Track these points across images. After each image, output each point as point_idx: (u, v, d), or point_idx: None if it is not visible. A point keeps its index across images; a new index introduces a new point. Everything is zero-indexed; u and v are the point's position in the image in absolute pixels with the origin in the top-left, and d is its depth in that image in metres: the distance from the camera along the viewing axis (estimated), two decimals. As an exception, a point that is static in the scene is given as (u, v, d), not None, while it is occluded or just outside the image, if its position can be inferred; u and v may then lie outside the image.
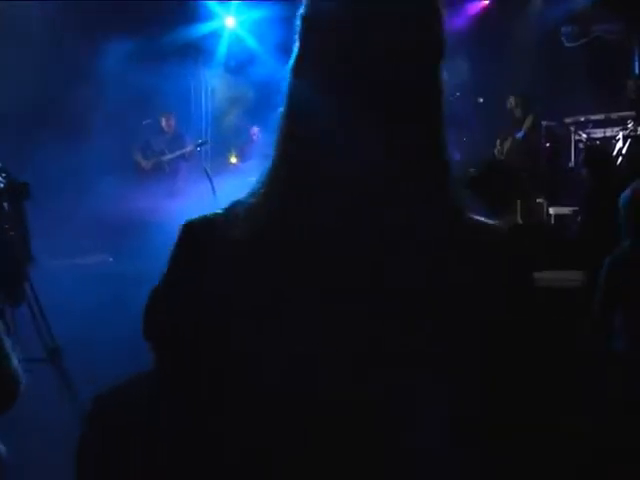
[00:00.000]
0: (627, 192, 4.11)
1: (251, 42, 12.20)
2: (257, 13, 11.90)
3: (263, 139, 11.25)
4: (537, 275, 1.35)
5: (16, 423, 2.17)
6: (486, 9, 11.55)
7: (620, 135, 9.11)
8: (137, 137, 10.72)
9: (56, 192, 7.51)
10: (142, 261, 4.70)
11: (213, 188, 9.52)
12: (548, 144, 9.80)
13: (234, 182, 9.98)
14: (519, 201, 8.29)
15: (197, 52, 11.88)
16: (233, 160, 11.05)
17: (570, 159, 9.71)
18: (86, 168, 8.76)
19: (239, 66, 11.89)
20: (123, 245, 7.37)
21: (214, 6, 12.01)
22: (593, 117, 9.76)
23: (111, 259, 8.01)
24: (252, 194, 1.28)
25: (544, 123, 9.85)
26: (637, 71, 10.71)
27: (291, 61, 1.31)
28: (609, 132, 9.49)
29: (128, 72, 9.90)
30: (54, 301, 4.78)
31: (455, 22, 11.59)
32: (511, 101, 9.97)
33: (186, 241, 1.34)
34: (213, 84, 12.61)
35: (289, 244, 1.20)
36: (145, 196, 8.74)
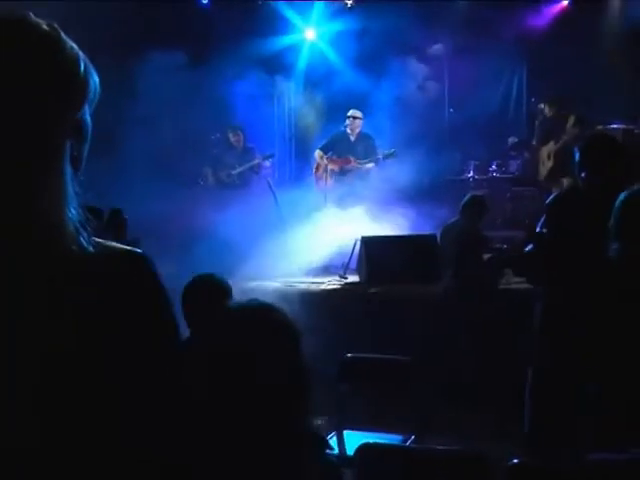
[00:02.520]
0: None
1: (331, 55, 12.34)
2: (337, 26, 12.05)
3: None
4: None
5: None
6: (565, 10, 11.36)
7: None
8: (207, 151, 10.96)
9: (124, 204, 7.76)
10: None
11: (276, 200, 9.69)
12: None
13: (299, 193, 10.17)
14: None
15: (277, 65, 12.06)
16: (315, 172, 11.14)
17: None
18: (154, 181, 8.99)
19: (318, 78, 12.02)
20: (187, 257, 7.56)
21: (294, 19, 12.21)
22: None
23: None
24: None
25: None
26: None
27: None
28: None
29: (200, 86, 10.15)
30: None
31: (535, 22, 11.48)
32: (543, 107, 9.73)
33: None
34: (292, 96, 12.78)
35: None
36: (214, 209, 8.95)
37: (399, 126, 10.68)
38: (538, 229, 4.76)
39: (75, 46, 1.39)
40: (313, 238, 9.03)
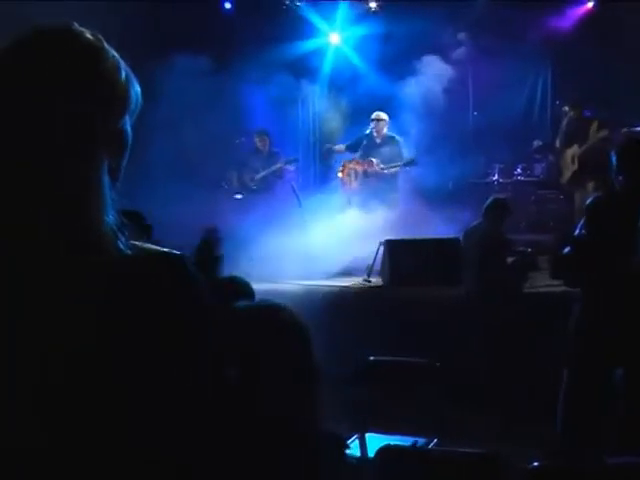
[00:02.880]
0: None
1: (355, 59, 12.36)
2: (361, 30, 12.07)
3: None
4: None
5: None
6: (590, 12, 11.30)
7: None
8: (231, 155, 11.00)
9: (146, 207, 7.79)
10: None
11: (300, 203, 9.71)
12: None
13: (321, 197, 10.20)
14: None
15: (301, 69, 12.10)
16: (340, 175, 11.15)
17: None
18: (177, 184, 9.05)
19: (343, 82, 12.04)
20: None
21: (319, 23, 12.24)
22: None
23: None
24: None
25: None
26: None
27: None
28: None
29: (224, 90, 10.20)
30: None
31: (560, 24, 11.43)
32: (567, 110, 9.64)
33: None
34: (317, 100, 12.81)
35: None
36: (237, 213, 8.99)
37: (423, 129, 10.68)
38: (577, 231, 4.76)
39: (117, 56, 1.41)
40: (337, 241, 9.04)
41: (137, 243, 1.37)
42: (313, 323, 2.43)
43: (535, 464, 2.70)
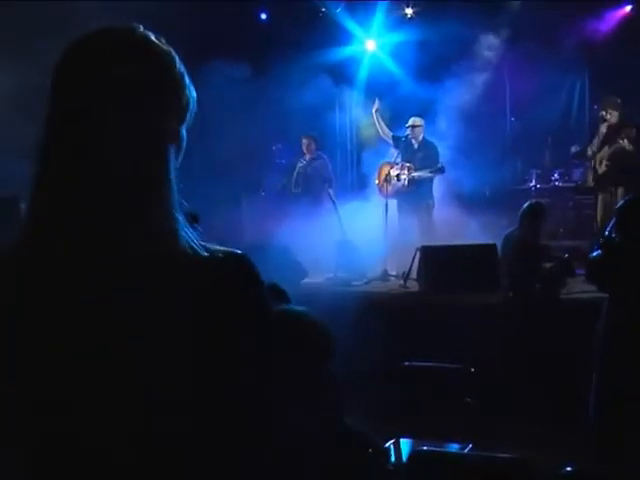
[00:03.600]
0: None
1: (391, 65, 12.38)
2: (397, 37, 12.09)
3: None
4: None
5: None
6: (628, 15, 11.20)
7: None
8: (270, 161, 11.06)
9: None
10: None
11: (336, 209, 9.75)
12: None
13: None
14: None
15: (338, 76, 12.14)
16: (376, 181, 11.15)
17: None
18: (216, 190, 9.12)
19: (379, 89, 12.05)
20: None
21: (355, 30, 12.28)
22: None
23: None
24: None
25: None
26: None
27: None
28: None
29: (261, 97, 10.27)
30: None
31: (597, 28, 11.34)
32: (604, 113, 9.49)
33: None
34: (353, 107, 12.85)
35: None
36: (275, 218, 9.07)
37: (460, 135, 10.68)
38: (607, 233, 4.75)
39: (180, 61, 1.46)
40: (373, 246, 9.08)
41: (205, 244, 1.39)
42: (348, 326, 2.47)
43: (568, 469, 2.72)
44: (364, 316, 7.34)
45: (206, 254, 1.36)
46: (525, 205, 7.56)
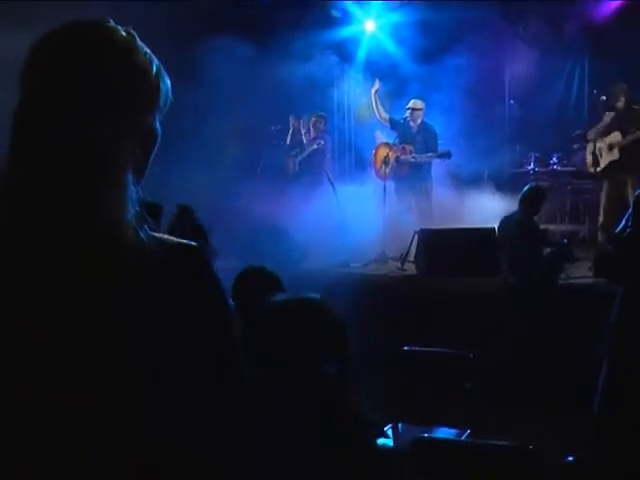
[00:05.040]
0: None
1: (390, 46, 12.30)
2: (396, 17, 12.00)
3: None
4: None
5: None
6: (630, 1, 11.11)
7: None
8: (267, 142, 11.01)
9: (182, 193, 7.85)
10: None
11: (335, 190, 9.73)
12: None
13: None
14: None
15: (336, 57, 12.06)
16: (373, 161, 11.10)
17: None
18: (212, 170, 9.09)
19: (378, 70, 11.98)
20: (248, 246, 7.63)
21: (354, 10, 12.19)
22: None
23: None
24: None
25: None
26: None
27: None
28: None
29: (258, 76, 10.21)
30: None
31: (598, 13, 11.28)
32: (606, 98, 9.38)
33: None
34: (352, 88, 12.78)
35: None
36: (272, 199, 9.04)
37: (459, 118, 10.62)
38: (622, 224, 4.69)
39: (149, 52, 1.44)
40: (371, 228, 9.06)
41: (156, 235, 1.39)
42: (345, 309, 2.45)
43: (570, 458, 2.70)
44: (361, 298, 7.32)
45: (155, 245, 1.37)
46: (525, 188, 7.51)
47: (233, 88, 10.00)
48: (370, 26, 12.38)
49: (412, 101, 10.16)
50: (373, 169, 10.40)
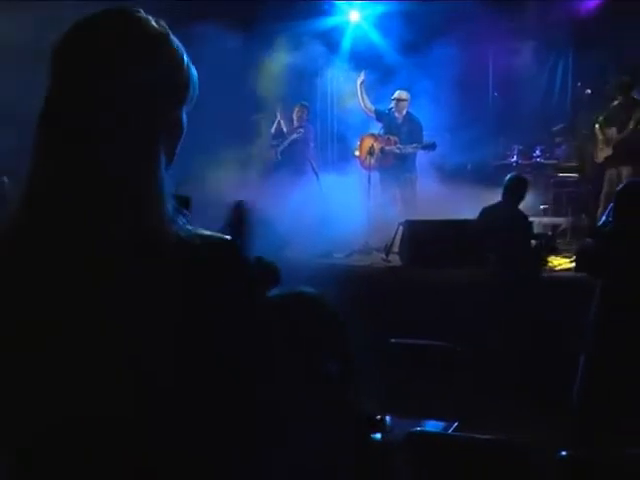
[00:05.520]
0: None
1: (375, 37, 12.27)
2: (381, 8, 11.97)
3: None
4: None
5: None
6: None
7: None
8: (249, 131, 10.96)
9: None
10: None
11: (318, 180, 9.71)
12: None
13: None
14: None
15: (319, 47, 12.01)
16: (357, 153, 11.10)
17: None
18: (194, 160, 9.03)
19: (362, 60, 11.94)
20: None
21: (339, 2, 12.15)
22: None
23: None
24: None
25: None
26: None
27: None
28: None
29: (241, 65, 10.16)
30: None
31: (582, 6, 11.30)
32: (615, 87, 9.34)
33: None
34: (335, 78, 12.74)
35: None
36: (256, 188, 8.99)
37: (443, 109, 10.63)
38: (604, 218, 4.71)
39: (181, 45, 1.43)
40: (355, 219, 9.04)
41: (191, 228, 1.39)
42: (329, 299, 2.44)
43: (563, 453, 2.71)
44: (345, 289, 7.30)
45: (194, 240, 1.36)
46: (508, 177, 7.47)
47: (216, 77, 9.93)
48: (355, 16, 12.36)
49: (397, 92, 10.16)
50: (358, 159, 10.38)
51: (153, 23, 1.40)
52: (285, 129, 10.79)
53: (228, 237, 1.42)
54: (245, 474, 1.42)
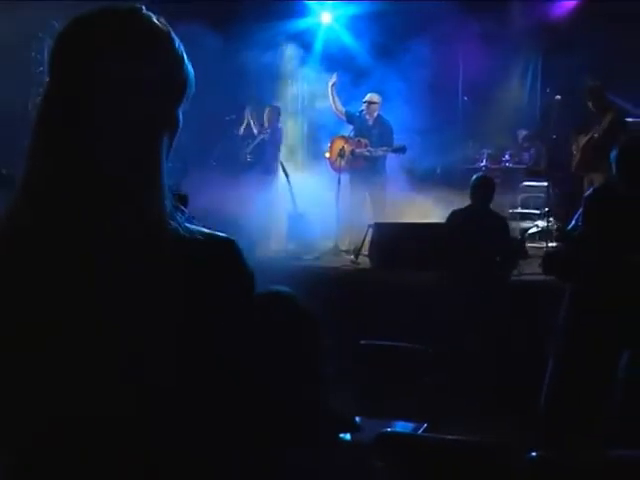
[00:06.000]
0: None
1: (346, 38, 12.29)
2: (352, 9, 11.99)
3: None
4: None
5: None
6: (584, 1, 11.24)
7: None
8: (221, 132, 10.93)
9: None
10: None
11: (289, 181, 9.71)
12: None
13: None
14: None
15: (291, 48, 12.02)
16: (327, 154, 11.09)
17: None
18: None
19: (333, 62, 11.95)
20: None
21: (310, 2, 12.14)
22: None
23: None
24: None
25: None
26: None
27: None
28: None
29: (215, 66, 10.11)
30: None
31: (552, 11, 11.39)
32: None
33: None
34: (306, 78, 12.72)
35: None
36: (225, 189, 8.96)
37: (413, 112, 10.65)
38: (573, 221, 4.74)
39: (180, 43, 1.43)
40: (325, 220, 9.05)
41: (191, 226, 1.39)
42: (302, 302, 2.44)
43: (533, 454, 2.72)
44: (314, 291, 7.27)
45: (194, 236, 1.36)
46: (474, 178, 7.40)
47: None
48: (326, 18, 12.37)
49: (369, 95, 10.17)
50: (328, 161, 10.38)
51: (155, 20, 1.40)
52: (255, 130, 10.76)
53: (226, 235, 1.43)
54: (245, 474, 1.42)
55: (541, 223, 10.03)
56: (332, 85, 10.41)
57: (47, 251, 1.30)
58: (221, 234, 1.42)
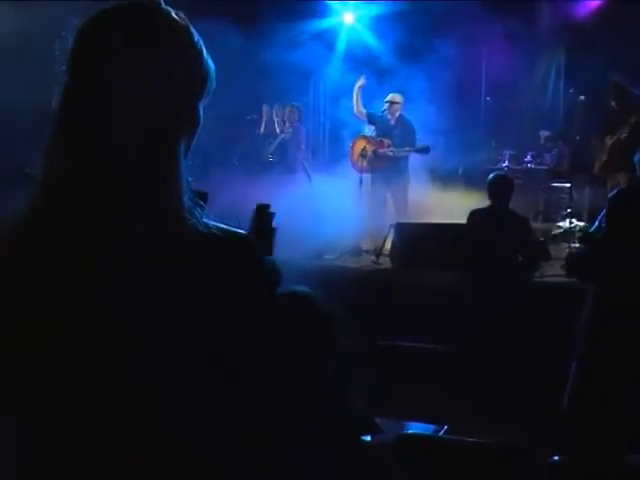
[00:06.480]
0: None
1: (369, 38, 12.28)
2: (374, 9, 11.98)
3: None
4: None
5: None
6: (608, 1, 11.17)
7: None
8: (242, 131, 10.94)
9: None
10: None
11: (310, 181, 9.70)
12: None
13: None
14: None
15: (314, 48, 12.00)
16: (349, 154, 11.05)
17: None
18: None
19: (356, 62, 11.94)
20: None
21: (333, 3, 12.15)
22: None
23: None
24: None
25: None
26: None
27: None
28: None
29: (236, 65, 10.13)
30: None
31: (576, 11, 11.32)
32: (609, 92, 9.28)
33: None
34: (329, 79, 12.72)
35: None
36: (249, 189, 8.96)
37: (435, 113, 10.61)
38: (597, 223, 4.70)
39: (200, 37, 1.42)
40: (347, 220, 9.02)
41: (209, 222, 1.37)
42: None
43: (556, 458, 2.70)
44: (335, 291, 7.26)
45: (213, 232, 1.35)
46: (489, 179, 7.26)
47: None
48: (349, 18, 12.37)
49: (390, 95, 10.13)
50: (350, 161, 10.35)
51: (174, 15, 1.39)
52: (278, 129, 10.77)
53: (243, 232, 1.42)
54: (244, 474, 1.41)
55: (564, 224, 9.94)
56: (359, 87, 10.35)
57: (52, 251, 1.30)
58: (240, 231, 1.41)
